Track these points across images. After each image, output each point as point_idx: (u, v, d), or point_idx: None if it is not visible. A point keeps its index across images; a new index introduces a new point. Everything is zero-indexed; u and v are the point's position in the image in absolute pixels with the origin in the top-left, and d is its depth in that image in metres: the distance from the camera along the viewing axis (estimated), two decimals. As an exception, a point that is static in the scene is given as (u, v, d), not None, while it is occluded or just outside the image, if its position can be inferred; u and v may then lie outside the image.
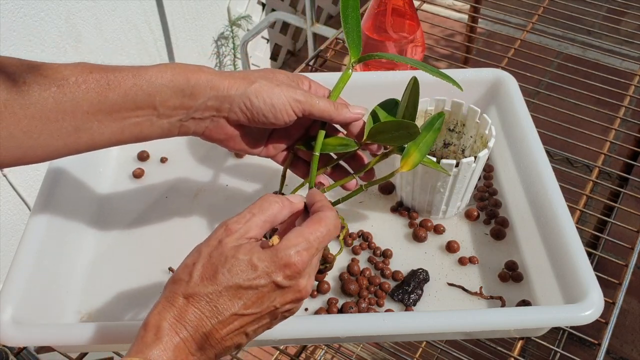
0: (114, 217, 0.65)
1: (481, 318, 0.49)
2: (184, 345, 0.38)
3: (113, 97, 0.45)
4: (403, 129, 0.50)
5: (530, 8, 1.00)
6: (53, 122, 0.44)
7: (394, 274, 0.58)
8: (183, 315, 0.38)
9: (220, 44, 1.78)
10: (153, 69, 0.46)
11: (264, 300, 0.40)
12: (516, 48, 0.91)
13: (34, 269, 0.54)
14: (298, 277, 0.40)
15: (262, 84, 0.49)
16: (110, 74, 0.45)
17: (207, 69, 0.48)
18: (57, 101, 0.43)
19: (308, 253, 0.41)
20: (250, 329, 0.41)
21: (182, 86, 0.47)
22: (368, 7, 0.77)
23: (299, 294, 0.41)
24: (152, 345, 0.37)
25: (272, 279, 0.39)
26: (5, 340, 0.48)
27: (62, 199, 0.61)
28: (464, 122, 0.64)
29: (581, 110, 0.80)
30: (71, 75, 0.44)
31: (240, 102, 0.48)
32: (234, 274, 0.39)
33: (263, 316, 0.41)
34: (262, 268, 0.39)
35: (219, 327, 0.39)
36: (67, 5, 1.24)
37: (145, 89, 0.46)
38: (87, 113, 0.44)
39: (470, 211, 0.63)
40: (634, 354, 1.27)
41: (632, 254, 0.64)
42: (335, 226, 0.43)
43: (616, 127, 0.79)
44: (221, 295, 0.39)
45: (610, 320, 0.57)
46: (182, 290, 0.39)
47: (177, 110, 0.48)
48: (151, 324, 0.38)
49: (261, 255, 0.40)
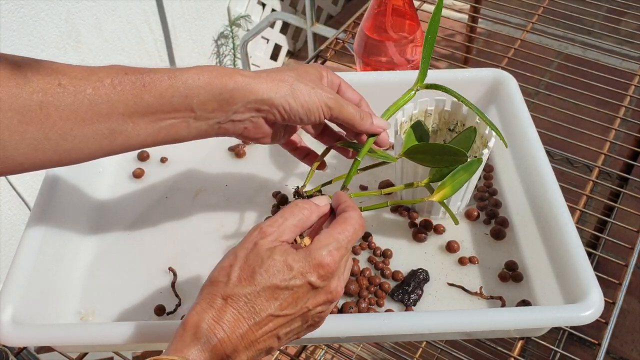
0: (114, 217, 0.65)
1: (481, 318, 0.49)
2: (221, 347, 0.38)
3: (149, 98, 0.45)
4: (451, 155, 0.52)
5: (530, 8, 1.00)
6: (88, 124, 0.43)
7: (394, 274, 0.58)
8: (221, 316, 0.39)
9: (220, 43, 1.78)
10: (190, 71, 0.46)
11: (298, 302, 0.40)
12: (516, 48, 0.91)
13: (34, 269, 0.54)
14: (330, 278, 0.41)
15: (298, 86, 0.49)
16: (145, 75, 0.45)
17: (243, 72, 0.48)
18: (92, 103, 0.43)
19: (339, 253, 0.41)
20: (283, 332, 0.41)
21: (220, 89, 0.47)
22: (368, 7, 0.77)
23: (330, 295, 0.42)
24: (190, 345, 0.38)
25: (307, 279, 0.40)
26: (5, 340, 0.48)
27: (62, 199, 0.61)
28: (464, 122, 0.64)
29: (581, 110, 0.80)
30: (106, 76, 0.44)
31: (279, 104, 0.49)
32: (271, 275, 0.40)
33: (295, 319, 0.41)
34: (297, 268, 0.40)
35: (255, 328, 0.39)
36: (67, 5, 1.24)
37: (182, 91, 0.46)
38: (123, 115, 0.44)
39: (470, 211, 0.63)
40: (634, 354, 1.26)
41: (632, 254, 0.64)
42: (361, 225, 0.44)
43: (616, 127, 0.79)
44: (259, 295, 0.39)
45: (610, 320, 0.57)
46: (221, 291, 0.40)
47: (215, 112, 0.48)
48: (190, 324, 0.39)
49: (295, 257, 0.40)
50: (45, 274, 0.55)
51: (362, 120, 0.52)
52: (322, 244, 0.41)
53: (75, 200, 0.63)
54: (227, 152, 0.72)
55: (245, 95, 0.47)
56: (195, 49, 1.69)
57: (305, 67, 0.52)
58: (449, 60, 0.96)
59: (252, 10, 1.83)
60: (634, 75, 0.87)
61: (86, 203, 0.65)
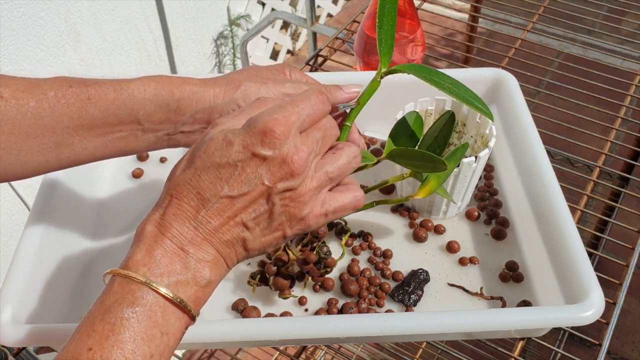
0: (114, 217, 0.65)
1: (482, 318, 0.49)
2: (172, 244, 0.35)
3: (94, 112, 0.44)
4: (429, 162, 0.48)
5: (531, 7, 1.00)
6: (32, 138, 0.42)
7: (394, 274, 0.57)
8: (166, 211, 0.36)
9: (219, 43, 1.78)
10: (135, 83, 0.45)
11: (250, 177, 0.36)
12: (517, 47, 0.90)
13: (33, 269, 0.54)
14: (280, 144, 0.36)
15: (248, 86, 0.47)
16: (90, 88, 0.44)
17: (191, 81, 0.47)
18: (35, 116, 0.42)
19: (286, 118, 0.37)
20: (247, 218, 0.37)
21: (167, 100, 0.45)
22: (368, 7, 0.77)
23: (287, 165, 0.37)
24: (135, 252, 0.35)
25: (251, 151, 0.36)
26: (5, 341, 0.48)
27: (61, 199, 0.61)
28: (464, 122, 0.63)
29: (582, 110, 0.79)
30: (50, 89, 0.43)
31: (228, 109, 0.47)
32: (210, 154, 0.36)
33: (257, 200, 0.37)
34: (238, 142, 0.36)
35: (209, 215, 0.36)
36: (66, 5, 1.24)
37: (128, 104, 0.44)
38: (68, 128, 0.43)
39: (470, 211, 0.63)
40: (635, 355, 1.26)
41: (633, 254, 0.64)
42: (317, 94, 0.40)
43: (617, 127, 0.79)
44: (201, 178, 0.36)
45: (611, 321, 0.57)
46: (167, 187, 0.37)
47: (163, 124, 0.46)
48: (137, 233, 0.37)
49: (236, 131, 0.37)
50: (44, 274, 0.55)
51: (331, 93, 0.46)
52: (265, 112, 0.37)
53: (75, 201, 0.63)
54: (227, 152, 0.72)
55: (192, 104, 0.46)
56: (195, 48, 1.69)
57: (257, 67, 0.50)
58: (449, 60, 0.95)
59: (252, 9, 1.83)
60: (634, 75, 0.87)
61: (85, 203, 0.64)
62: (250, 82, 0.48)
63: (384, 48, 0.50)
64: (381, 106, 0.57)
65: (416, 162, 0.50)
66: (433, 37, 0.97)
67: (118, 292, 0.34)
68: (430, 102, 0.63)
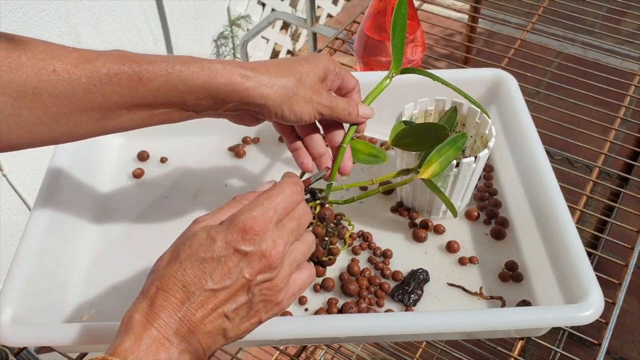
0: (114, 217, 0.65)
1: (481, 318, 0.49)
2: (158, 333, 0.37)
3: (144, 92, 0.45)
4: (432, 132, 0.53)
5: (530, 8, 1.00)
6: (82, 111, 0.44)
7: (394, 274, 0.58)
8: (154, 302, 0.38)
9: (220, 43, 1.78)
10: (189, 68, 0.46)
11: (232, 272, 0.39)
12: (516, 48, 0.91)
13: (34, 269, 0.54)
14: (260, 241, 0.39)
15: (297, 96, 0.49)
16: (143, 68, 0.44)
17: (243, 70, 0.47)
18: (86, 92, 0.43)
19: (264, 216, 0.40)
20: (229, 309, 0.39)
21: (217, 90, 0.46)
22: (368, 7, 0.77)
23: (265, 259, 0.39)
24: (124, 339, 0.37)
25: (233, 247, 0.39)
26: (5, 341, 0.48)
27: (62, 199, 0.61)
28: (464, 122, 0.63)
29: (581, 110, 0.80)
30: (102, 66, 0.43)
31: (272, 111, 0.49)
32: (194, 250, 0.39)
33: (238, 293, 0.39)
34: (221, 238, 0.39)
35: (193, 308, 0.38)
36: (66, 5, 1.24)
37: (179, 87, 0.45)
38: (117, 104, 0.44)
39: (470, 211, 0.63)
40: (634, 354, 1.26)
41: (632, 254, 0.64)
42: (291, 185, 0.43)
43: (616, 127, 0.79)
44: (186, 272, 0.38)
45: (610, 321, 0.57)
46: (152, 278, 0.39)
47: (209, 109, 0.48)
48: (125, 319, 0.38)
49: (218, 228, 0.40)
50: (45, 274, 0.55)
51: (350, 116, 0.53)
52: (244, 210, 0.40)
53: (75, 201, 0.63)
54: (227, 152, 0.72)
55: (242, 97, 0.47)
56: (195, 49, 1.69)
57: (312, 63, 0.51)
58: (449, 60, 0.96)
59: (252, 10, 1.83)
60: (634, 75, 0.87)
61: (86, 203, 0.65)
62: (300, 91, 0.49)
63: (397, 53, 0.55)
64: (381, 107, 0.57)
65: (420, 137, 0.53)
66: (432, 37, 0.97)
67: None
68: (430, 103, 0.63)
